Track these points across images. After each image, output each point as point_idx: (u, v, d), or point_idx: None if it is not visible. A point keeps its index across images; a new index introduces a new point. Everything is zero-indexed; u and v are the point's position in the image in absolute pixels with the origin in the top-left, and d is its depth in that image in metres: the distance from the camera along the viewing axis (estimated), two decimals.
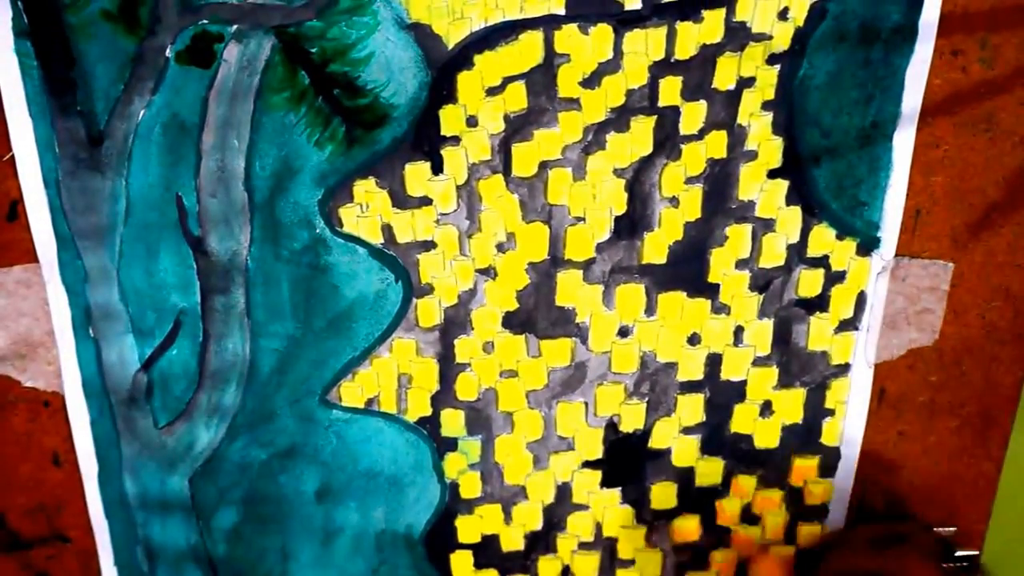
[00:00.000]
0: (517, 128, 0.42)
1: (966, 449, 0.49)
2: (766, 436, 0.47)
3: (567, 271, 0.45)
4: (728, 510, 0.49)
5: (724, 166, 0.43)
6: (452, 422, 0.47)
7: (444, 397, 0.46)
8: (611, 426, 0.47)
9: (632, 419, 0.47)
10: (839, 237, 0.44)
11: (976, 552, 0.42)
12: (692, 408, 0.47)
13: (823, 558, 0.46)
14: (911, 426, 0.48)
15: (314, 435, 0.46)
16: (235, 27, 0.40)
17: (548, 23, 0.41)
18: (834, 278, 0.45)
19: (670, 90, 0.42)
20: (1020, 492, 0.50)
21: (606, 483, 0.48)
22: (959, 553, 0.42)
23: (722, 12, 0.40)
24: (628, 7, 0.40)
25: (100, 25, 0.40)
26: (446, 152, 0.42)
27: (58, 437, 0.46)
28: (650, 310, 0.45)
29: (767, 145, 0.43)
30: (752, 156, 0.43)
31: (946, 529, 0.43)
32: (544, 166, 0.43)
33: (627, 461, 0.48)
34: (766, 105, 0.42)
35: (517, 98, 0.42)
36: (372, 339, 0.45)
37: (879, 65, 0.42)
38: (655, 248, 0.44)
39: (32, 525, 0.48)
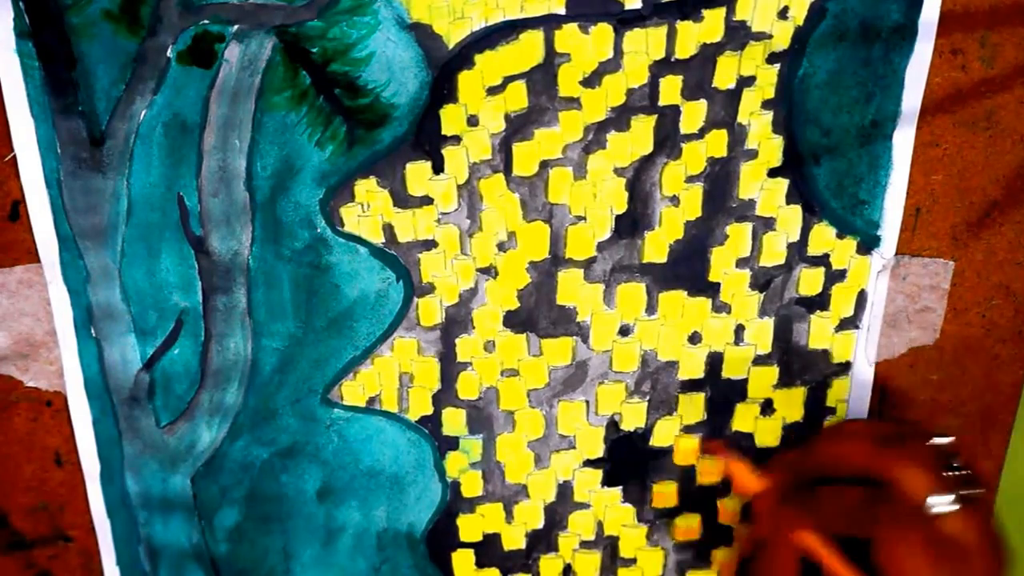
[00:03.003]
0: (518, 127, 0.42)
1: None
2: (767, 434, 0.47)
3: (568, 270, 0.45)
4: (730, 508, 0.49)
5: (724, 165, 0.43)
6: (453, 421, 0.47)
7: (445, 396, 0.46)
8: (612, 425, 0.47)
9: (633, 418, 0.47)
10: (839, 236, 0.45)
11: (970, 470, 0.41)
12: (693, 406, 0.47)
13: (811, 441, 0.43)
14: None
15: (315, 434, 0.47)
16: (236, 27, 0.40)
17: (548, 23, 0.41)
18: (834, 277, 0.45)
19: (670, 89, 0.42)
20: (1021, 491, 0.50)
21: (607, 482, 0.48)
22: (955, 464, 0.41)
23: (722, 11, 0.41)
24: (628, 6, 0.40)
25: (101, 25, 0.40)
26: (447, 151, 0.42)
27: (60, 437, 0.46)
28: (651, 309, 0.45)
29: (767, 144, 0.43)
30: (752, 155, 0.43)
31: (945, 439, 0.41)
32: (545, 165, 0.43)
33: (628, 460, 0.48)
34: (766, 104, 0.42)
35: (518, 97, 0.42)
36: (373, 338, 0.45)
37: (879, 64, 0.42)
38: (656, 247, 0.44)
39: (34, 525, 0.48)
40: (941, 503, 0.39)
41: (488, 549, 0.50)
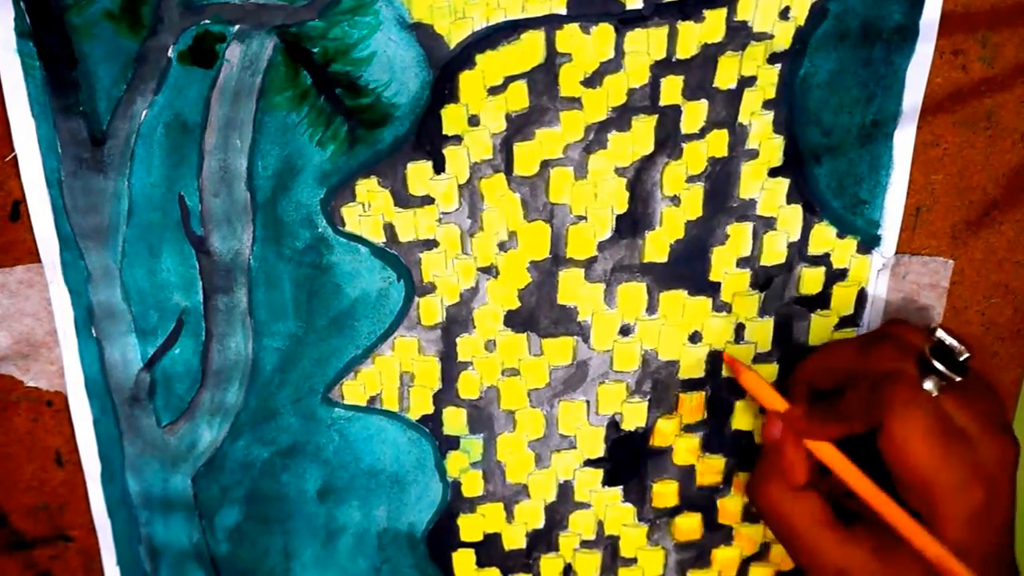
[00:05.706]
0: (519, 127, 0.42)
1: None
2: None
3: (569, 270, 0.45)
4: (730, 508, 0.49)
5: (725, 165, 0.43)
6: (454, 420, 0.47)
7: (446, 395, 0.47)
8: (613, 424, 0.47)
9: (633, 417, 0.47)
10: (840, 235, 0.45)
11: (967, 355, 0.39)
12: (693, 405, 0.47)
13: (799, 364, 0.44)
14: None
15: (316, 433, 0.47)
16: (237, 27, 0.40)
17: (550, 22, 0.41)
18: (835, 276, 0.45)
19: (671, 89, 0.42)
20: (1021, 489, 0.50)
21: (608, 481, 0.48)
22: (949, 341, 0.39)
23: (723, 12, 0.41)
24: (629, 7, 0.40)
25: (102, 25, 0.40)
26: (448, 151, 0.42)
27: (61, 437, 0.46)
28: (651, 308, 0.46)
29: (768, 144, 0.43)
30: (753, 155, 0.43)
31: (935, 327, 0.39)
32: (546, 165, 0.43)
33: (629, 459, 0.48)
34: (767, 104, 0.42)
35: (519, 97, 0.42)
36: (374, 337, 0.45)
37: (880, 64, 0.42)
38: (656, 247, 0.44)
39: (35, 525, 0.48)
40: (931, 385, 0.38)
41: (489, 549, 0.50)
